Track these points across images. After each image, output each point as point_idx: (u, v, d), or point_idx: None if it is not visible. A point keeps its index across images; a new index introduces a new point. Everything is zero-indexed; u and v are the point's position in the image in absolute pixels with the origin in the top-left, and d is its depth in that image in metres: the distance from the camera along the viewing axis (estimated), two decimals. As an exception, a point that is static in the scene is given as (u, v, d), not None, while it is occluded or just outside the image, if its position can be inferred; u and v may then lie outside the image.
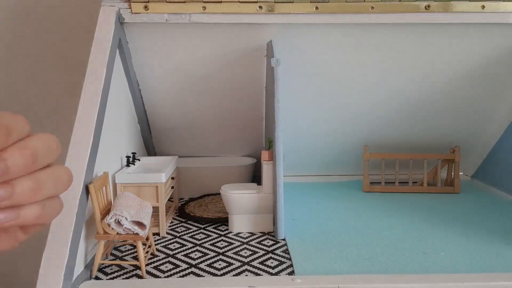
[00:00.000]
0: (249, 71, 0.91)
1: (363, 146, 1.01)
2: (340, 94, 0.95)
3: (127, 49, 0.84)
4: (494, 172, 1.04)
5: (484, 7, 0.80)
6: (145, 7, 0.78)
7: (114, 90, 0.78)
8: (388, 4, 0.80)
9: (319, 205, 0.91)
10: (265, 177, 0.77)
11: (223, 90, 0.95)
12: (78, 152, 0.64)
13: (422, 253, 0.67)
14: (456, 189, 0.99)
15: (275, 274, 0.62)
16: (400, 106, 0.98)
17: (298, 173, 1.11)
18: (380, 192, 1.00)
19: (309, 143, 1.05)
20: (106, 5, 0.78)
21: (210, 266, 0.65)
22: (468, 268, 0.62)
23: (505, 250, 0.68)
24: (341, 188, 1.03)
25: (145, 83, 0.93)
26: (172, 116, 1.01)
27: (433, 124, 1.03)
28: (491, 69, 0.91)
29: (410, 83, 0.94)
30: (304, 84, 0.93)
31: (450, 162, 1.01)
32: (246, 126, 1.04)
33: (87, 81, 0.70)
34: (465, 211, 0.86)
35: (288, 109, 0.92)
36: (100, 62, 0.72)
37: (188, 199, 0.98)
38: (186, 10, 0.79)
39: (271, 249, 0.70)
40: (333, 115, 0.99)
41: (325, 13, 0.80)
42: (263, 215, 0.78)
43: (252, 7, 0.79)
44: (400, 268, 0.62)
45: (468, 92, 0.96)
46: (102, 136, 0.70)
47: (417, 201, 0.93)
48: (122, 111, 0.87)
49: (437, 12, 0.81)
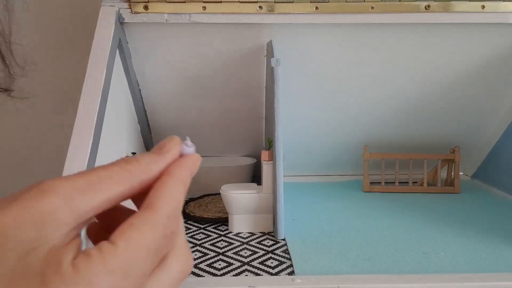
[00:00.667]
0: (249, 71, 0.91)
1: (363, 146, 1.01)
2: (340, 94, 0.95)
3: (127, 49, 0.85)
4: (494, 172, 1.04)
5: (484, 7, 0.80)
6: (145, 7, 0.78)
7: (114, 90, 0.78)
8: (388, 4, 0.80)
9: (319, 205, 0.91)
10: (265, 177, 0.77)
11: (223, 90, 0.95)
12: (78, 152, 0.64)
13: (422, 253, 0.67)
14: (456, 189, 0.99)
15: (275, 274, 0.62)
16: (400, 106, 0.98)
17: (298, 173, 1.11)
18: (380, 192, 1.00)
19: (309, 143, 1.05)
20: (106, 5, 0.78)
21: (210, 266, 0.65)
22: (468, 268, 0.62)
23: (505, 250, 0.68)
24: (341, 188, 1.03)
25: (145, 83, 0.93)
26: (172, 116, 1.01)
27: (433, 124, 1.03)
28: (491, 69, 0.91)
29: (410, 83, 0.94)
30: (304, 84, 0.93)
31: (450, 162, 1.01)
32: (246, 126, 1.04)
33: (87, 81, 0.70)
34: (465, 211, 0.86)
35: (288, 109, 0.92)
36: (100, 62, 0.72)
37: (188, 199, 0.98)
38: (186, 10, 0.79)
39: (271, 249, 0.70)
40: (333, 115, 0.99)
41: (325, 13, 0.80)
42: (263, 215, 0.78)
43: (252, 7, 0.79)
44: (400, 268, 0.62)
45: (468, 92, 0.96)
46: (102, 136, 0.70)
47: (417, 201, 0.93)
48: (122, 111, 0.87)
49: (437, 12, 0.81)
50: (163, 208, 0.22)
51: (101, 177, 0.22)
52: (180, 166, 0.25)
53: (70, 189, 0.21)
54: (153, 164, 0.24)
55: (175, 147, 0.26)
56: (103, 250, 0.20)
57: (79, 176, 0.22)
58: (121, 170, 0.23)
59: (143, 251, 0.21)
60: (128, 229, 0.21)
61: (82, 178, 0.21)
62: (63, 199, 0.20)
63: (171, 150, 0.25)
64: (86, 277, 0.19)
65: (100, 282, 0.19)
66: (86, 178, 0.22)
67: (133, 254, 0.20)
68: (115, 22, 0.77)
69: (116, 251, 0.20)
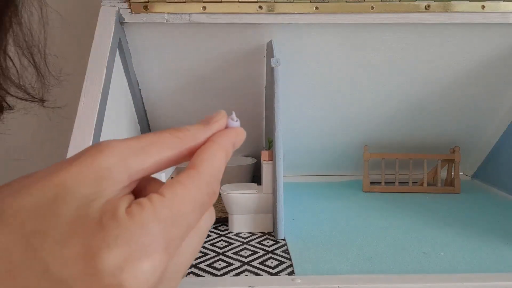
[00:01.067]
0: (249, 71, 0.91)
1: (363, 146, 1.01)
2: (340, 94, 0.95)
3: (127, 49, 0.85)
4: (494, 172, 1.04)
5: (484, 7, 0.80)
6: (145, 7, 0.78)
7: (114, 90, 0.78)
8: (388, 4, 0.80)
9: (319, 205, 0.91)
10: (265, 177, 0.77)
11: (223, 90, 0.95)
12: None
13: (422, 253, 0.67)
14: (456, 189, 0.99)
15: (275, 274, 0.62)
16: (400, 106, 0.98)
17: (298, 173, 1.11)
18: (380, 192, 1.00)
19: (309, 143, 1.05)
20: (106, 5, 0.78)
21: (210, 266, 0.65)
22: (468, 268, 0.62)
23: (505, 250, 0.68)
24: (341, 188, 1.03)
25: (145, 83, 0.93)
26: (172, 116, 1.01)
27: (433, 124, 1.03)
28: (491, 69, 0.91)
29: (410, 83, 0.94)
30: (304, 84, 0.93)
31: (450, 162, 1.01)
32: (246, 126, 1.03)
33: (87, 81, 0.70)
34: (465, 211, 0.86)
35: (288, 109, 0.92)
36: (100, 62, 0.72)
37: (188, 199, 0.98)
38: (186, 10, 0.79)
39: (271, 249, 0.70)
40: (333, 115, 0.99)
41: (325, 13, 0.80)
42: (263, 215, 0.78)
43: (252, 7, 0.79)
44: (400, 268, 0.62)
45: (468, 92, 0.96)
46: (102, 136, 0.70)
47: (417, 201, 0.93)
48: (122, 111, 0.87)
49: (437, 12, 0.81)
50: (206, 169, 0.25)
51: (153, 142, 0.24)
52: (224, 135, 0.27)
53: (125, 150, 0.22)
54: (201, 133, 0.27)
55: (222, 120, 0.29)
56: (154, 201, 0.22)
57: (133, 139, 0.23)
58: (171, 137, 0.25)
59: (189, 204, 0.23)
60: (176, 184, 0.23)
61: (136, 141, 0.23)
62: (119, 158, 0.22)
63: (218, 122, 0.28)
64: (139, 222, 0.21)
65: (151, 227, 0.21)
66: (139, 141, 0.24)
67: (180, 206, 0.22)
68: (115, 22, 0.77)
69: (165, 202, 0.22)
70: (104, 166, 0.21)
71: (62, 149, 0.67)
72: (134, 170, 0.23)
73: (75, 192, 0.21)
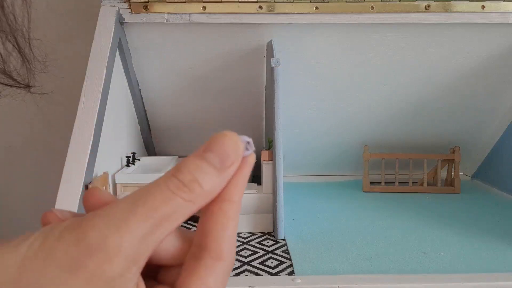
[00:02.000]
0: (249, 71, 0.91)
1: (363, 146, 1.01)
2: (340, 94, 0.95)
3: (127, 49, 0.85)
4: (494, 172, 1.04)
5: (484, 7, 0.80)
6: (145, 7, 0.78)
7: (114, 90, 0.78)
8: (388, 4, 0.80)
9: (319, 205, 0.91)
10: (265, 177, 0.77)
11: (223, 90, 0.95)
12: (78, 152, 0.64)
13: (422, 253, 0.67)
14: (456, 189, 0.99)
15: (275, 274, 0.62)
16: (400, 106, 0.98)
17: (298, 173, 1.11)
18: (380, 192, 1.00)
19: (309, 143, 1.05)
20: (106, 5, 0.78)
21: (210, 266, 0.65)
22: (468, 268, 0.62)
23: (505, 250, 0.68)
24: (341, 188, 1.03)
25: (145, 83, 0.93)
26: (172, 116, 1.01)
27: (433, 124, 1.03)
28: (491, 69, 0.91)
29: (410, 83, 0.94)
30: (304, 84, 0.93)
31: (450, 162, 1.01)
32: (246, 126, 1.04)
33: (87, 81, 0.70)
34: (465, 211, 0.86)
35: (288, 109, 0.92)
36: (100, 62, 0.72)
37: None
38: (186, 10, 0.79)
39: (271, 249, 0.70)
40: (333, 115, 0.99)
41: (325, 13, 0.80)
42: (263, 215, 0.78)
43: (252, 7, 0.79)
44: (400, 268, 0.62)
45: (468, 92, 0.96)
46: (102, 136, 0.70)
47: (417, 201, 0.93)
48: (122, 111, 0.87)
49: (437, 12, 0.81)
50: (229, 257, 0.22)
51: (164, 216, 0.21)
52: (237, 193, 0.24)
53: (136, 245, 0.20)
54: (217, 188, 0.23)
55: (239, 159, 0.24)
56: None
57: (143, 220, 0.20)
58: (184, 203, 0.21)
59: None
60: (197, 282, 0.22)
61: (146, 222, 0.20)
62: (131, 261, 0.20)
63: (235, 164, 0.24)
64: None
65: None
66: (150, 222, 0.20)
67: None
68: (115, 22, 0.77)
69: None
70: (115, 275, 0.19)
71: (62, 149, 0.67)
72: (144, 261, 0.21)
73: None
